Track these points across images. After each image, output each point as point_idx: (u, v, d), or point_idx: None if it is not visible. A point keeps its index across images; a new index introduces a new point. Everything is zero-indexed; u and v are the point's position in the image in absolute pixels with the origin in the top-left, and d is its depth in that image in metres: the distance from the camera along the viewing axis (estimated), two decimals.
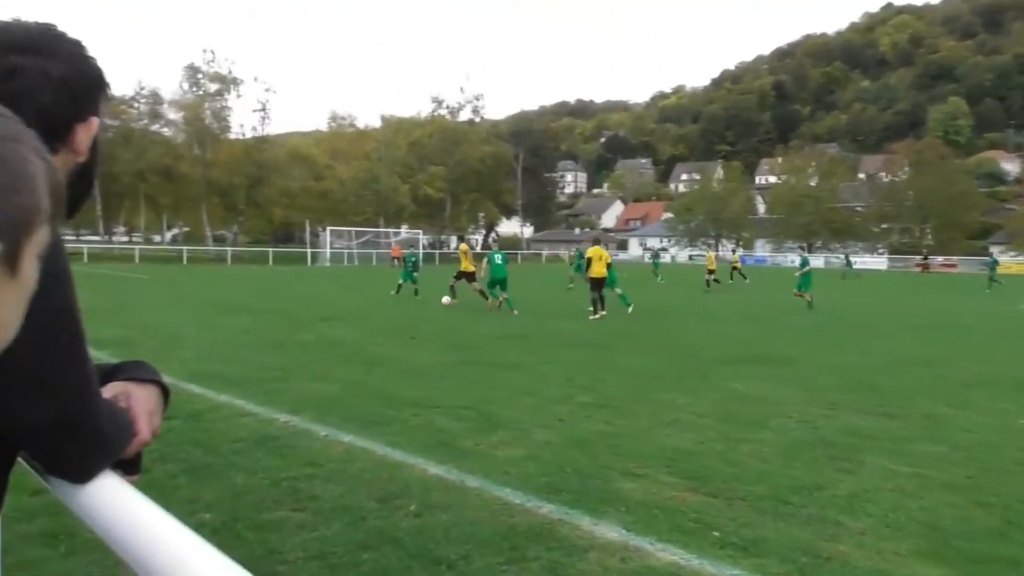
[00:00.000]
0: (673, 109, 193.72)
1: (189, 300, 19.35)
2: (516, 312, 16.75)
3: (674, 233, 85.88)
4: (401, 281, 21.73)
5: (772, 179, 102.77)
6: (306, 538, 3.94)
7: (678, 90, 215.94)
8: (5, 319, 0.60)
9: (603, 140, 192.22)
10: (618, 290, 17.55)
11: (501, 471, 5.16)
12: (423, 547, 3.85)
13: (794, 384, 8.79)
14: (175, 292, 22.31)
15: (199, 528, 0.78)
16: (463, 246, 19.82)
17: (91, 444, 0.94)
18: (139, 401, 1.08)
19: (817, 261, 68.46)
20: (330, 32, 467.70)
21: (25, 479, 1.12)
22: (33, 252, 0.59)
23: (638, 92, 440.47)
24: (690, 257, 78.49)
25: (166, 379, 1.16)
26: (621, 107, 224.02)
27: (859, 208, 78.18)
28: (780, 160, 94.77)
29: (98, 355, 0.97)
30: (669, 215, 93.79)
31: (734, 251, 47.98)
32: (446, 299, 18.67)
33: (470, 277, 18.91)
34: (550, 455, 5.59)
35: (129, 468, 1.05)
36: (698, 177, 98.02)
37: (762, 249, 79.70)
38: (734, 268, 34.13)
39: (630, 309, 17.10)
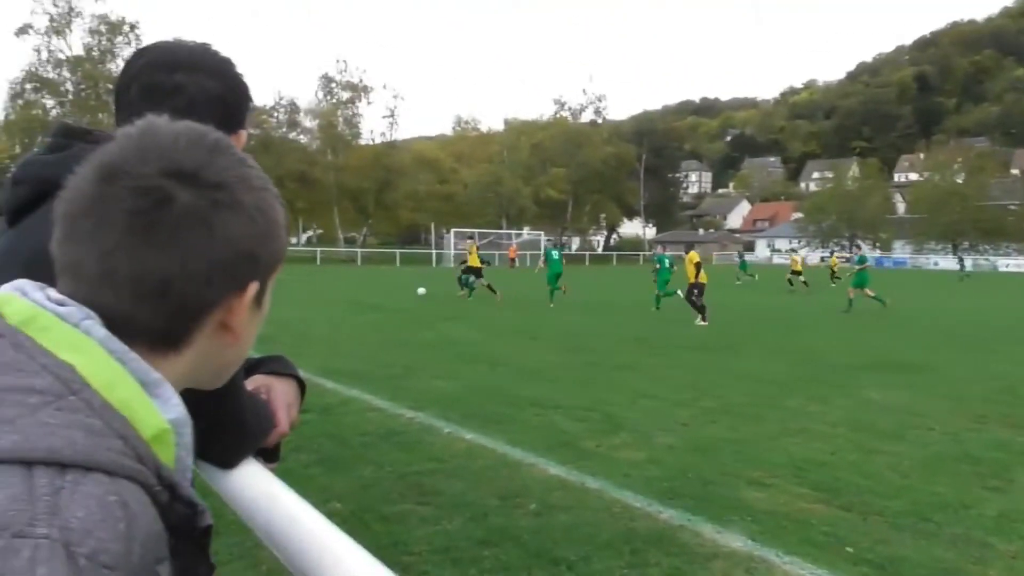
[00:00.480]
0: (804, 105, 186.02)
1: (322, 299, 20.26)
2: (553, 305, 18.59)
3: (804, 234, 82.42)
4: (486, 283, 20.92)
5: (913, 176, 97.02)
6: (430, 532, 4.05)
7: (809, 85, 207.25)
8: (251, 340, 0.69)
9: (729, 139, 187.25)
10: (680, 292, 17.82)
11: (622, 473, 5.12)
12: (543, 546, 3.87)
13: (936, 393, 8.26)
14: (309, 291, 23.37)
15: (330, 516, 0.82)
16: (471, 244, 21.82)
17: (236, 433, 1.01)
18: (278, 394, 1.15)
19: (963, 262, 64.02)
20: (455, 37, 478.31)
21: None
22: (272, 285, 0.68)
23: (766, 88, 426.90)
24: (821, 259, 75.20)
25: (302, 373, 1.23)
26: (748, 104, 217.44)
27: (1012, 207, 72.33)
28: (922, 156, 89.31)
29: None
30: (799, 215, 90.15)
31: (832, 253, 46.15)
32: (462, 292, 21.63)
33: (477, 272, 20.69)
34: (672, 459, 5.50)
35: (269, 456, 1.12)
36: (831, 175, 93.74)
37: (902, 251, 75.27)
38: (832, 270, 32.47)
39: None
